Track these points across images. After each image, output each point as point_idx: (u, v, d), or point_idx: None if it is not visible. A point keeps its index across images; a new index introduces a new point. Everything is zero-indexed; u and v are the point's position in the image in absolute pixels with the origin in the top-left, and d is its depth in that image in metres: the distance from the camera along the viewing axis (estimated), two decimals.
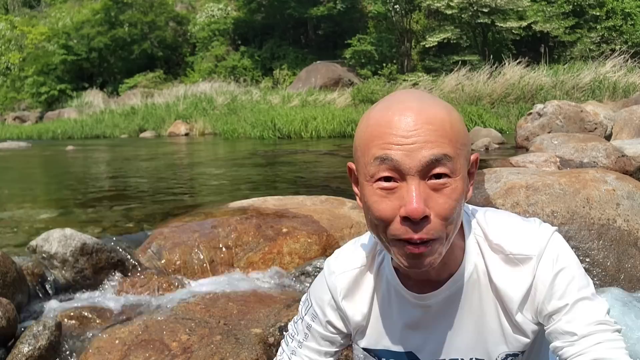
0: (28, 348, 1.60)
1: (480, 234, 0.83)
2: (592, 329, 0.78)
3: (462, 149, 0.73)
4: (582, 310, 0.80)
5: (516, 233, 0.82)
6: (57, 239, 2.07)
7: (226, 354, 1.57)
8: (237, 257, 2.35)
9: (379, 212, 0.72)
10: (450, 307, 0.83)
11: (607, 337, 0.78)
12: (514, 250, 0.80)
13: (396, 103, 0.73)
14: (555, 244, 0.82)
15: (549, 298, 0.80)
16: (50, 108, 20.47)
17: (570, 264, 0.82)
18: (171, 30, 21.95)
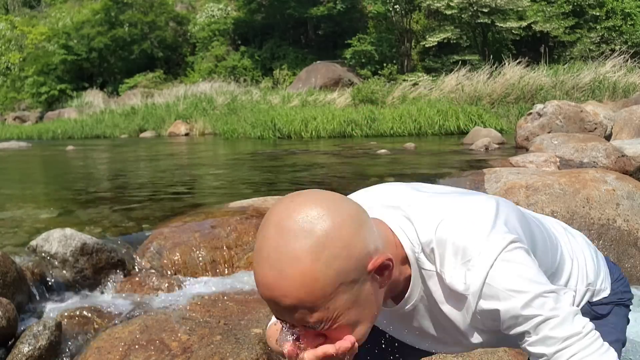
0: (28, 348, 1.60)
1: (423, 260, 0.80)
2: (560, 346, 0.75)
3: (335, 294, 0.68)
4: (544, 333, 0.75)
5: (456, 254, 0.77)
6: (57, 239, 2.07)
7: (226, 354, 1.57)
8: (237, 257, 2.35)
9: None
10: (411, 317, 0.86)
11: (579, 348, 0.75)
12: (450, 282, 0.78)
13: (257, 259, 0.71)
14: (498, 277, 0.75)
15: (505, 327, 0.78)
16: (51, 108, 20.47)
17: (513, 296, 0.74)
18: (171, 30, 21.96)
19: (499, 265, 0.75)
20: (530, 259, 0.77)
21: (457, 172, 4.04)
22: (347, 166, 5.30)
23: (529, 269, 0.76)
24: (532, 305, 0.75)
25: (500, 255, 0.75)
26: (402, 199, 0.85)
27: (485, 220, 0.78)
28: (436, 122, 10.22)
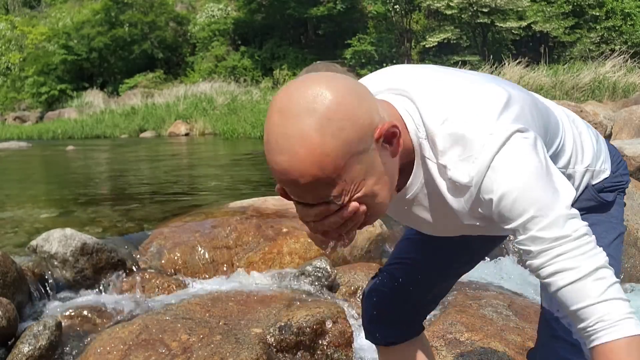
0: (28, 348, 1.61)
1: (426, 146, 0.81)
2: (547, 246, 0.75)
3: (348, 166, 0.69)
4: (533, 232, 0.76)
5: (460, 148, 0.77)
6: (57, 238, 2.07)
7: (226, 354, 1.58)
8: (237, 257, 2.35)
9: None
10: (412, 205, 0.88)
11: (565, 249, 0.74)
12: (453, 175, 0.79)
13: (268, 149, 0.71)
14: (497, 168, 0.75)
15: (498, 220, 0.79)
16: (51, 108, 20.46)
17: (517, 187, 0.75)
18: (171, 30, 21.95)
19: (503, 155, 0.75)
20: (534, 152, 0.77)
21: None
22: None
23: (529, 164, 0.76)
24: (525, 201, 0.75)
25: (506, 144, 0.76)
26: (410, 84, 0.84)
27: (491, 113, 0.78)
28: None
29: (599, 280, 0.73)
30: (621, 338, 0.71)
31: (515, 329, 1.84)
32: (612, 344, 0.71)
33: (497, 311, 1.98)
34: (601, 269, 0.74)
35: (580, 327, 0.75)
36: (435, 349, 1.75)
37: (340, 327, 1.79)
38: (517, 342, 1.76)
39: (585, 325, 0.74)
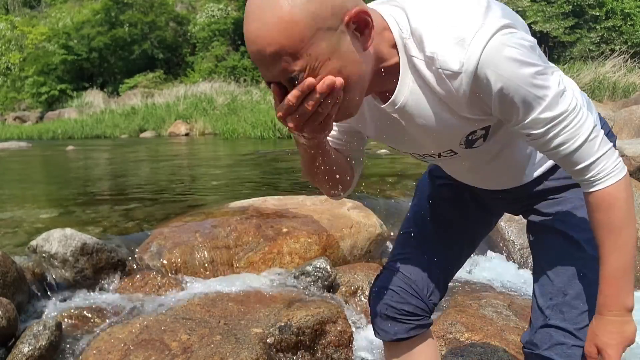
0: (28, 348, 1.61)
1: (411, 46, 0.82)
2: (548, 126, 0.83)
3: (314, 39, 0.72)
4: (533, 115, 0.82)
5: (447, 38, 0.79)
6: (57, 238, 2.07)
7: (226, 354, 1.58)
8: (237, 257, 2.35)
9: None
10: (405, 115, 0.89)
11: (568, 121, 0.83)
12: (442, 65, 0.80)
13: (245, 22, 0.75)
14: (489, 56, 0.77)
15: (499, 106, 0.82)
16: (51, 108, 20.46)
17: (506, 73, 0.77)
18: (171, 30, 21.95)
19: (496, 42, 0.77)
20: (525, 42, 0.80)
21: None
22: None
23: (524, 50, 0.79)
24: (524, 84, 0.79)
25: (497, 34, 0.77)
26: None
27: (480, 7, 0.80)
28: None
29: (594, 139, 0.85)
30: (615, 182, 0.87)
31: (515, 329, 1.84)
32: (611, 187, 0.87)
33: (497, 311, 1.98)
34: (594, 129, 0.85)
35: (581, 179, 0.88)
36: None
37: (340, 327, 1.80)
38: (517, 342, 1.76)
39: (588, 177, 0.87)
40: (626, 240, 0.89)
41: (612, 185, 0.87)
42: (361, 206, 2.86)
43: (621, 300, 0.90)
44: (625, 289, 0.90)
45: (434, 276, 1.15)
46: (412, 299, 1.14)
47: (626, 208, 0.88)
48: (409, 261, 1.15)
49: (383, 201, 3.21)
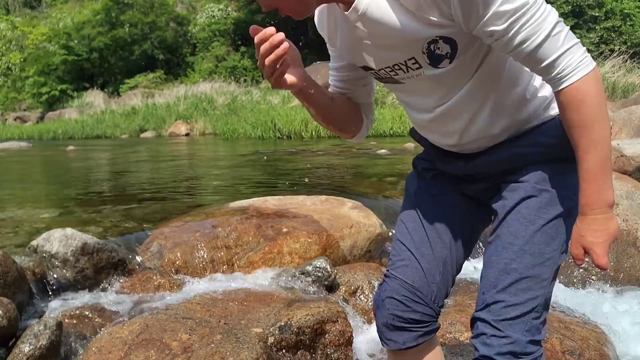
0: (29, 347, 1.61)
1: None
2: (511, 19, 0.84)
3: None
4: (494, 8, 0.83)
5: None
6: (58, 238, 2.08)
7: (226, 354, 1.58)
8: (238, 257, 2.36)
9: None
10: (367, 23, 0.94)
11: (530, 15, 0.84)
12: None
13: None
14: None
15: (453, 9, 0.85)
16: (51, 108, 20.48)
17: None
18: (172, 30, 21.96)
19: None
20: None
21: None
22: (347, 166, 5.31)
23: None
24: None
25: None
26: None
27: None
28: None
29: (558, 34, 0.86)
30: (582, 76, 0.86)
31: None
32: (578, 82, 0.87)
33: None
34: (557, 24, 0.86)
35: (548, 78, 0.89)
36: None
37: (340, 327, 1.80)
38: None
39: (554, 75, 0.88)
40: (600, 135, 0.89)
41: (579, 80, 0.86)
42: (361, 206, 2.86)
43: (602, 196, 0.91)
44: (605, 185, 0.91)
45: (437, 279, 1.15)
46: (418, 306, 1.13)
47: (597, 103, 0.88)
48: (408, 267, 1.15)
49: (383, 201, 3.22)
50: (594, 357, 1.80)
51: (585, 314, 2.17)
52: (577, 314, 2.16)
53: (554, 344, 1.79)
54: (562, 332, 1.87)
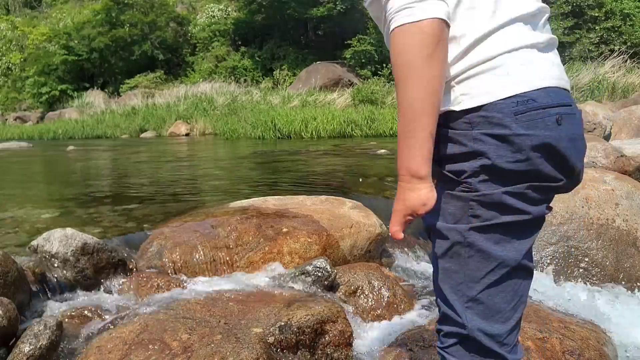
0: (29, 347, 1.61)
1: None
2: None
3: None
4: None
5: None
6: (58, 238, 2.08)
7: (227, 353, 1.58)
8: (238, 257, 2.36)
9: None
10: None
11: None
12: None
13: None
14: None
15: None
16: (51, 108, 20.49)
17: None
18: (172, 30, 21.96)
19: None
20: None
21: None
22: (347, 166, 5.31)
23: None
24: None
25: None
26: None
27: None
28: None
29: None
30: (397, 26, 0.80)
31: None
32: (395, 30, 0.80)
33: None
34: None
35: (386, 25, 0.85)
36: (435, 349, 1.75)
37: (340, 327, 1.80)
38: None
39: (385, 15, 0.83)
40: (403, 98, 0.80)
41: (395, 29, 0.79)
42: (361, 206, 2.86)
43: (406, 164, 0.82)
44: (410, 153, 0.81)
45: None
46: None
47: (407, 60, 0.78)
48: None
49: (383, 201, 3.22)
50: (594, 357, 1.80)
51: (586, 314, 2.17)
52: (577, 314, 2.16)
53: (554, 344, 1.79)
54: (562, 332, 1.87)
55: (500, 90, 0.83)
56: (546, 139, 0.83)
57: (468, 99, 0.84)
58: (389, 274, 2.28)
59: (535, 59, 0.86)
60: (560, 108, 0.85)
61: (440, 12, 0.80)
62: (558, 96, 0.86)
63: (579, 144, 0.90)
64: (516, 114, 0.82)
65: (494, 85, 0.84)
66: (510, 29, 0.86)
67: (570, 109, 0.87)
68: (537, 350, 1.74)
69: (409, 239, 2.91)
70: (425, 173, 0.83)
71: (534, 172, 0.84)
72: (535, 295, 2.33)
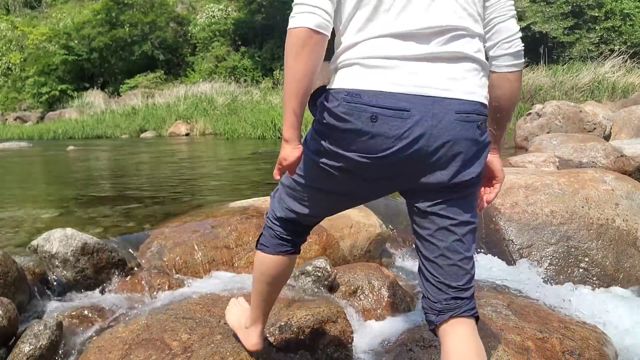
0: (29, 347, 1.61)
1: None
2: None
3: None
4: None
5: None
6: (58, 238, 2.08)
7: (226, 353, 1.58)
8: (238, 257, 2.36)
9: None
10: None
11: None
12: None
13: None
14: None
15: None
16: (52, 108, 20.49)
17: None
18: (172, 30, 21.96)
19: None
20: None
21: None
22: None
23: None
24: None
25: None
26: None
27: None
28: None
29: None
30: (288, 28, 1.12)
31: (515, 329, 1.85)
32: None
33: (497, 311, 1.99)
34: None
35: None
36: (435, 349, 1.75)
37: (340, 327, 1.80)
38: (516, 341, 1.76)
39: None
40: (284, 85, 1.12)
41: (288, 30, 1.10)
42: (361, 206, 2.86)
43: (284, 125, 1.15)
44: (283, 121, 1.14)
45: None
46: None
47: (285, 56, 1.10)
48: None
49: (383, 201, 3.22)
50: (594, 357, 1.80)
51: (585, 314, 2.17)
52: (577, 314, 2.16)
53: (554, 344, 1.79)
54: (562, 332, 1.87)
55: (343, 82, 1.13)
56: (355, 126, 1.09)
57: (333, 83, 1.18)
58: (389, 274, 2.28)
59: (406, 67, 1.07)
60: (383, 111, 1.07)
61: (309, 22, 1.08)
62: (394, 100, 1.06)
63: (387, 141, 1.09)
64: (344, 101, 1.11)
65: (344, 79, 1.14)
66: (373, 42, 1.10)
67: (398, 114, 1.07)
68: (537, 350, 1.74)
69: (409, 239, 2.92)
70: (287, 137, 1.15)
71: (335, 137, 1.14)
72: (535, 295, 2.33)
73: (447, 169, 1.11)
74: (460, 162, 1.10)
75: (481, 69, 1.13)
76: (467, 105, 1.09)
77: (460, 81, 1.09)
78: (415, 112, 1.06)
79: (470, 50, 1.11)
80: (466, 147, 1.10)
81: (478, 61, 1.13)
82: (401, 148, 1.08)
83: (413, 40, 1.08)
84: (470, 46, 1.11)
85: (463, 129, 1.08)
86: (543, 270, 2.82)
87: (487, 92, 1.15)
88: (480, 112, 1.11)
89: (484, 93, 1.14)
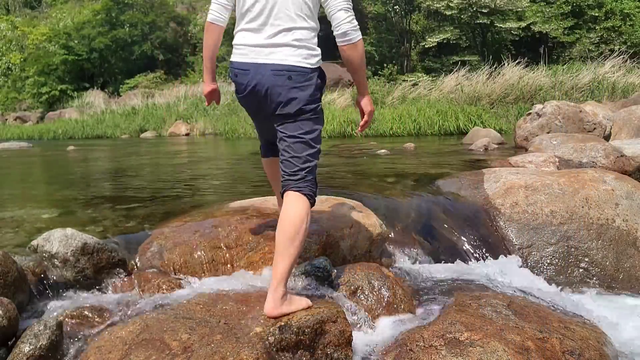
0: (29, 347, 1.61)
1: None
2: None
3: None
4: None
5: None
6: (58, 238, 2.08)
7: (226, 353, 1.58)
8: (238, 257, 2.36)
9: None
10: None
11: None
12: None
13: None
14: None
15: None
16: (52, 108, 20.49)
17: None
18: (172, 30, 21.97)
19: None
20: None
21: (457, 171, 4.05)
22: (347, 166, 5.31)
23: None
24: None
25: None
26: None
27: None
28: (436, 123, 10.23)
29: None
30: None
31: (515, 329, 1.85)
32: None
33: (497, 310, 1.99)
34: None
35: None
36: (435, 349, 1.75)
37: (340, 327, 1.80)
38: (516, 341, 1.76)
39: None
40: (203, 49, 2.11)
41: None
42: (361, 206, 2.86)
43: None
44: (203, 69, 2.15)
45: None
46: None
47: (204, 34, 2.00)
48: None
49: (383, 201, 3.22)
50: (594, 357, 1.80)
51: (585, 314, 2.17)
52: (577, 314, 2.16)
53: (554, 344, 1.79)
54: (562, 332, 1.87)
55: (231, 57, 2.00)
56: (232, 79, 2.00)
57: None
58: (389, 274, 2.28)
59: (249, 49, 1.93)
60: (238, 71, 1.96)
61: (209, 17, 2.00)
62: (242, 65, 1.94)
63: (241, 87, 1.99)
64: (230, 67, 1.99)
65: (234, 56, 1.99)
66: (239, 34, 1.98)
67: (244, 72, 1.94)
68: (537, 350, 1.74)
69: (409, 239, 2.91)
70: (204, 79, 2.14)
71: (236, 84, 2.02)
72: (535, 295, 2.33)
73: (273, 104, 1.90)
74: (278, 99, 1.88)
75: (297, 48, 1.93)
76: (279, 66, 1.87)
77: (277, 54, 1.89)
78: (252, 71, 1.90)
79: (289, 39, 1.91)
80: (280, 90, 1.87)
81: (293, 45, 1.92)
82: (248, 91, 1.93)
83: (255, 33, 1.94)
84: (290, 36, 1.92)
85: (276, 79, 1.87)
86: (543, 270, 2.82)
87: (302, 58, 1.92)
88: (289, 69, 1.87)
89: (297, 59, 1.90)
